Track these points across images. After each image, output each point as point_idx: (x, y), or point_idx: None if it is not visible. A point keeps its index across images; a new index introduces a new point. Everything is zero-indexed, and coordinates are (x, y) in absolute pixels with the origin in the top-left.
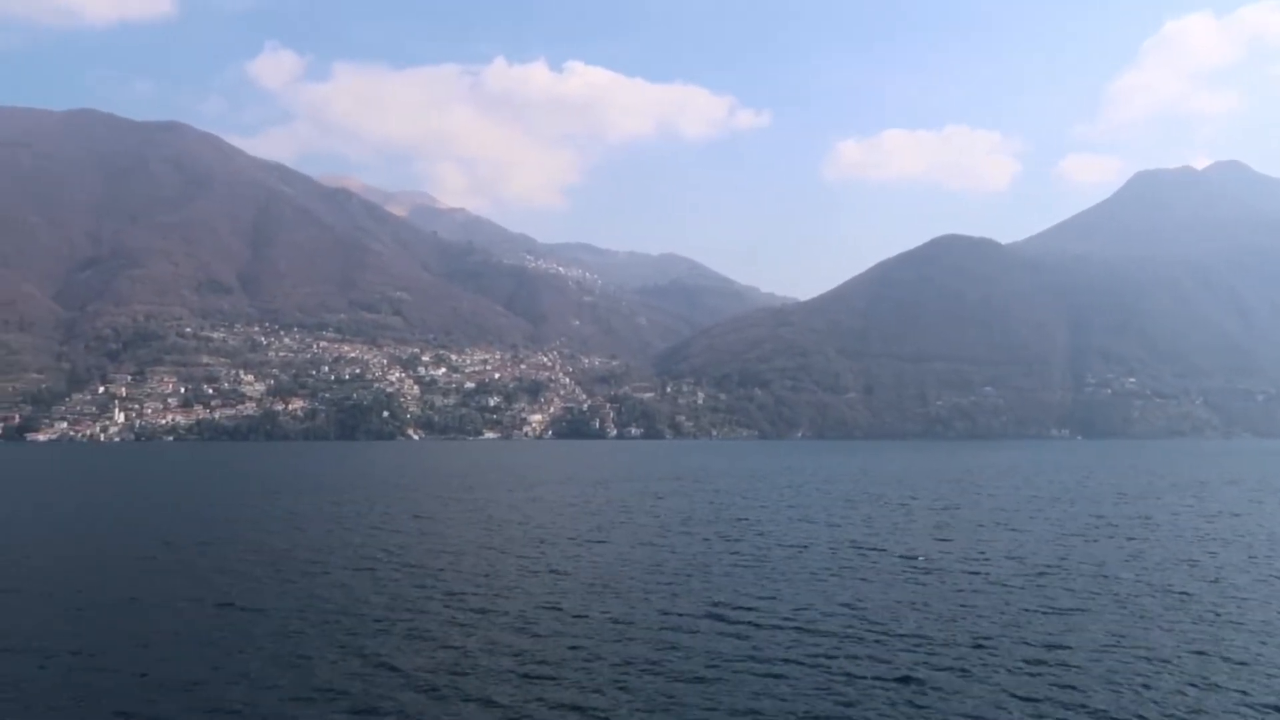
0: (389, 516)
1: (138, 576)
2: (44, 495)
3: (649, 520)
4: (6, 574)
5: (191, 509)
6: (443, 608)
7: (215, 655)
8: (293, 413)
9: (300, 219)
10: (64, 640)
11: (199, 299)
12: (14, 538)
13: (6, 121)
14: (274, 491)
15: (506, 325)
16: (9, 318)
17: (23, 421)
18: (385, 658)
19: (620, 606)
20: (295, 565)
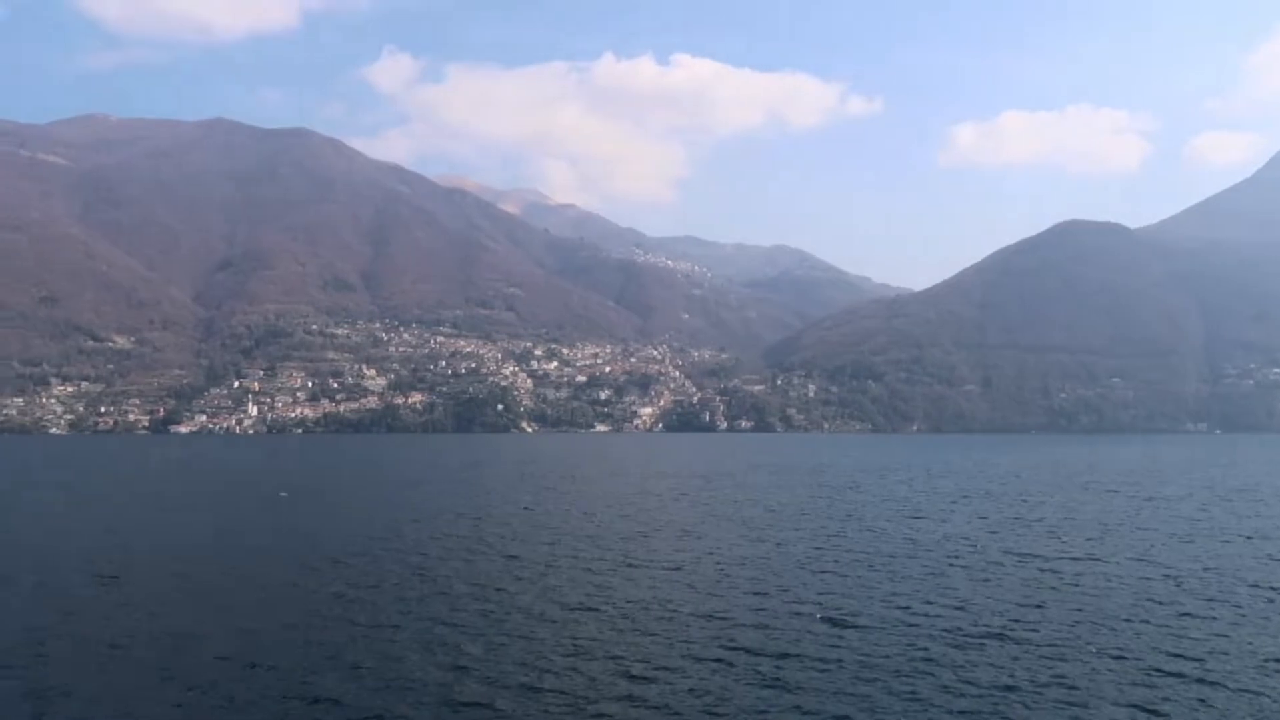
0: (497, 507)
1: (260, 564)
2: (182, 487)
3: (756, 514)
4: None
5: (314, 500)
6: (540, 600)
7: (323, 642)
8: (412, 406)
9: (418, 218)
10: (201, 623)
11: (324, 297)
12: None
13: (149, 134)
14: (390, 483)
15: (616, 319)
16: (154, 318)
17: (167, 414)
18: (478, 649)
19: (723, 603)
20: (403, 555)
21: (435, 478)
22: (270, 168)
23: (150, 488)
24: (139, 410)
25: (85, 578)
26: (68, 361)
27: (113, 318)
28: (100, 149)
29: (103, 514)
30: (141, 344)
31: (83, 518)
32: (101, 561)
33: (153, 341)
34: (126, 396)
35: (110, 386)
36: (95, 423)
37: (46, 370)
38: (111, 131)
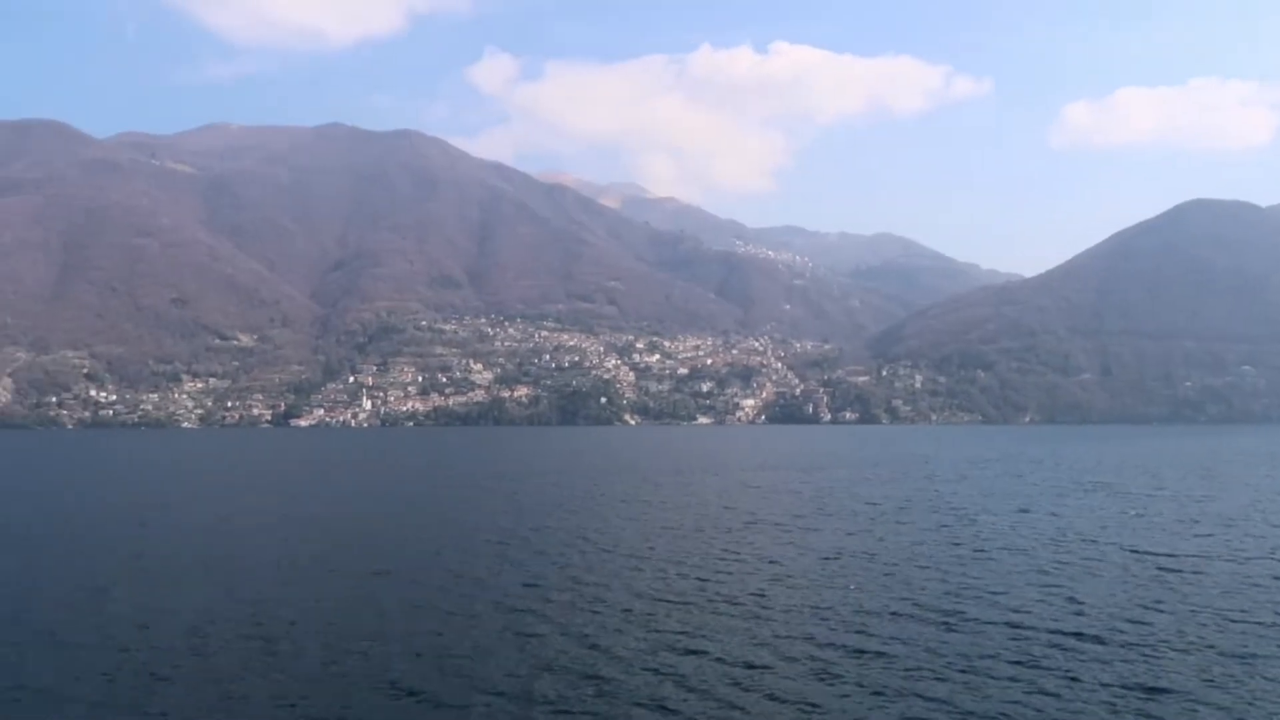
0: (601, 499)
1: (378, 551)
2: (324, 478)
3: (861, 507)
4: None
5: (426, 490)
6: (636, 593)
7: (445, 628)
8: (518, 399)
9: (520, 215)
10: (317, 613)
11: (432, 294)
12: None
13: (267, 140)
14: (500, 474)
15: (717, 311)
16: (274, 316)
17: (287, 409)
18: (569, 642)
19: (827, 595)
20: (515, 544)
21: (540, 470)
22: (380, 169)
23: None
24: (262, 405)
25: (193, 563)
26: (197, 359)
27: (237, 317)
28: (223, 156)
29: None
30: (263, 341)
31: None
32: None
33: (274, 339)
34: (250, 392)
35: (235, 382)
36: (223, 417)
37: (178, 367)
38: (233, 139)
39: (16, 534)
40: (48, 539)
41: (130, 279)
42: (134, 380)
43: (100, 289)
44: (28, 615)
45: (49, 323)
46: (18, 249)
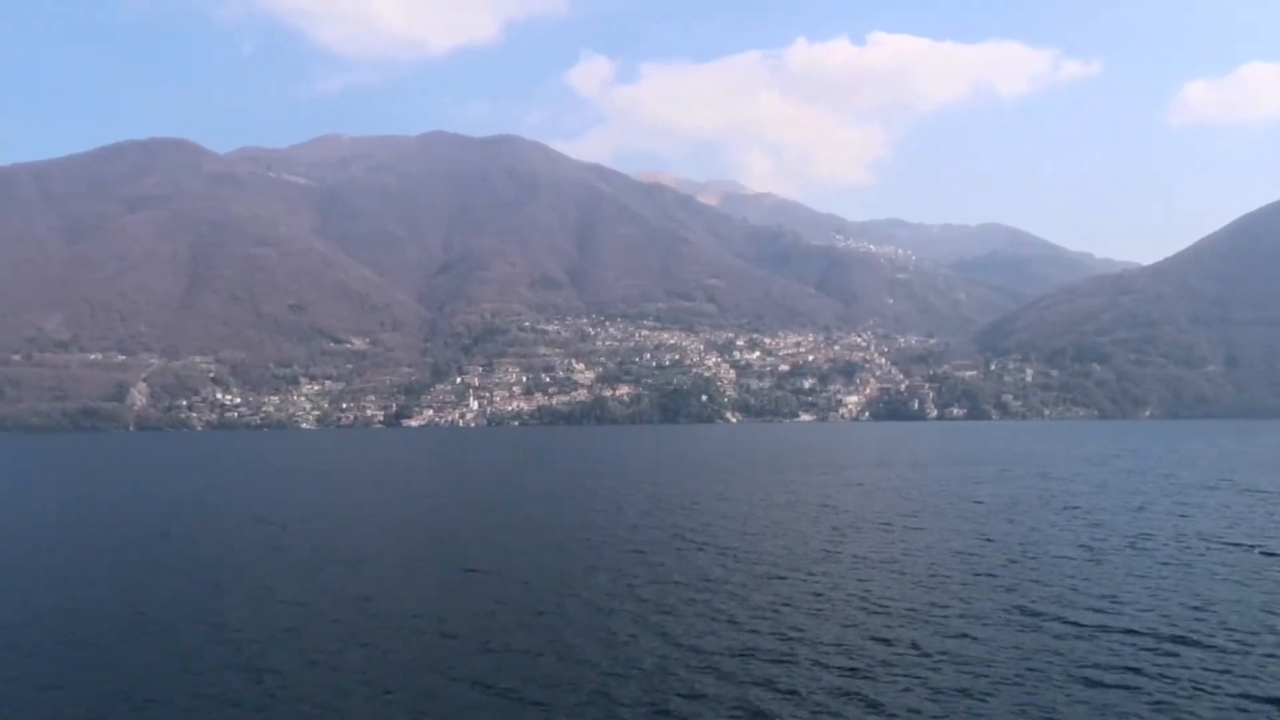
0: (698, 496)
1: (478, 547)
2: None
3: (969, 506)
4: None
5: (529, 488)
6: (736, 592)
7: (536, 626)
8: (619, 398)
9: (620, 215)
10: (417, 607)
11: (535, 295)
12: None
13: (375, 150)
14: (599, 472)
15: (818, 307)
16: (384, 320)
17: (398, 409)
18: (680, 637)
19: (931, 596)
20: (611, 542)
21: (640, 468)
22: (482, 174)
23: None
24: (375, 406)
25: (319, 558)
26: (314, 362)
27: (350, 321)
28: (335, 167)
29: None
30: (375, 345)
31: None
32: (339, 546)
33: (384, 342)
34: (364, 393)
35: (350, 384)
36: (338, 418)
37: (296, 371)
38: (344, 150)
39: (153, 530)
40: (187, 536)
41: (251, 287)
42: (256, 383)
43: (224, 297)
44: (156, 604)
45: (179, 330)
46: (149, 261)
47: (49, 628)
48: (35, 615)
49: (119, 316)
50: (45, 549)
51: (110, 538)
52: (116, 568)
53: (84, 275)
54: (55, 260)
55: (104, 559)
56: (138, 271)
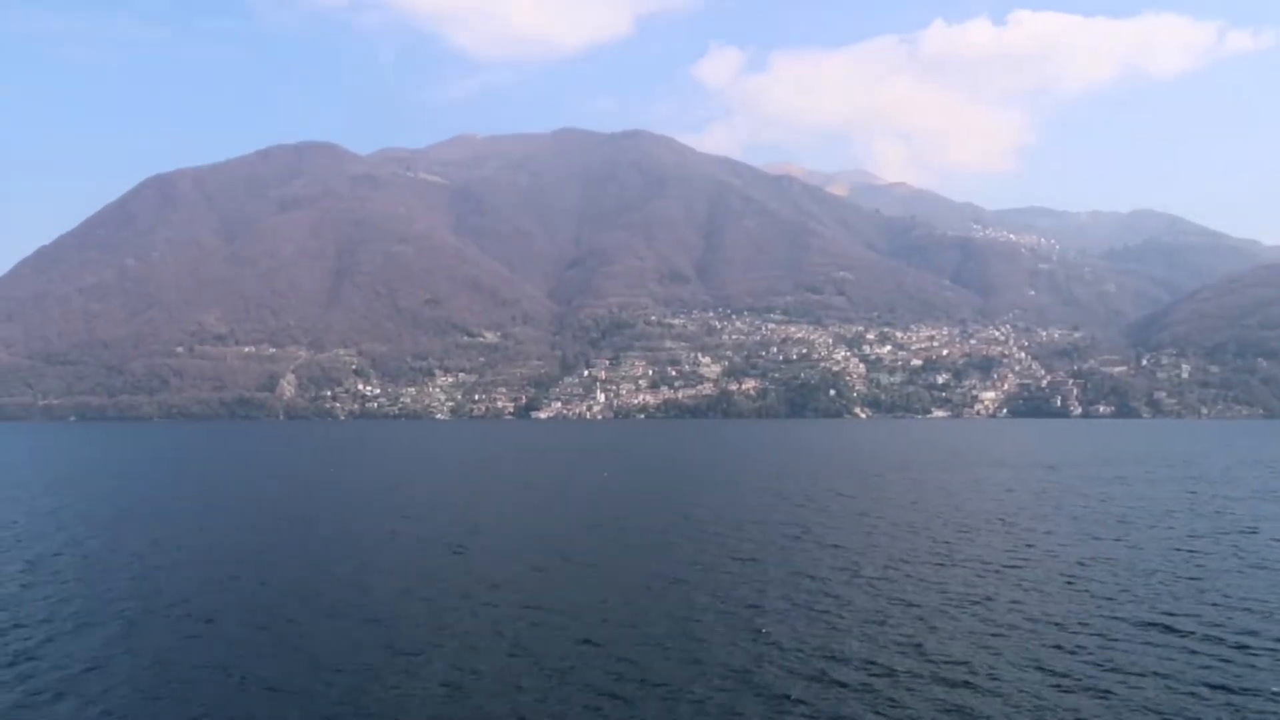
0: (823, 494)
1: (599, 540)
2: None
3: (1112, 509)
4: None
5: (653, 480)
6: (854, 598)
7: (657, 621)
8: (746, 392)
9: (747, 208)
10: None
11: (661, 289)
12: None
13: (508, 148)
14: (724, 466)
15: (954, 299)
16: (515, 314)
17: (528, 401)
18: (783, 636)
19: (1062, 606)
20: (734, 537)
21: (764, 463)
22: (610, 170)
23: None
24: (505, 398)
25: (439, 547)
26: (448, 355)
27: (483, 315)
28: (469, 165)
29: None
30: (506, 338)
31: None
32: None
33: (515, 336)
34: (495, 385)
35: (482, 377)
36: (471, 409)
37: (432, 363)
38: (478, 149)
39: (320, 517)
40: (332, 522)
41: (390, 282)
42: (394, 375)
43: (365, 292)
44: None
45: (324, 324)
46: (298, 259)
47: (232, 606)
48: (220, 595)
49: (270, 311)
50: (218, 535)
51: (279, 523)
52: (287, 551)
53: (239, 272)
54: (214, 259)
55: (272, 543)
56: (288, 269)
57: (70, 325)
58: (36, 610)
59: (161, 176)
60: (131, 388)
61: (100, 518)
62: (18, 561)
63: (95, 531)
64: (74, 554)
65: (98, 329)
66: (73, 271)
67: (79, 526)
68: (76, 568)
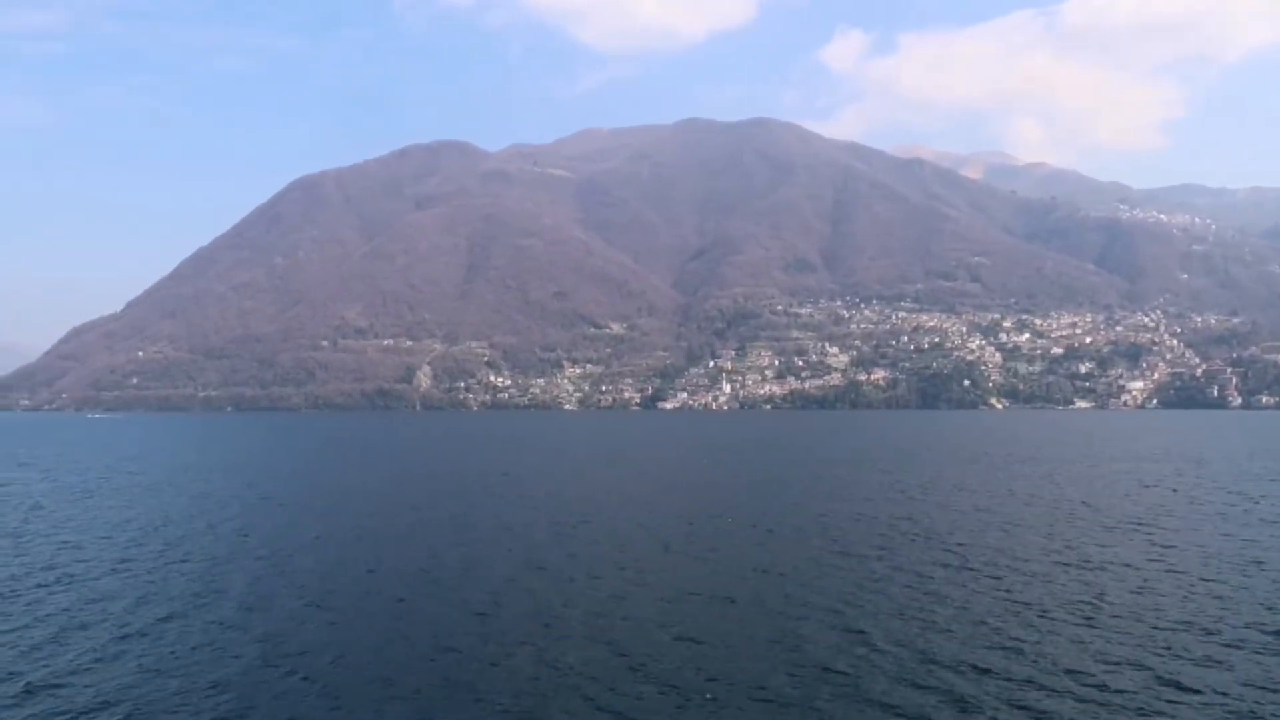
0: (942, 487)
1: (708, 534)
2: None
3: (1268, 511)
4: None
5: (772, 471)
6: (964, 599)
7: (749, 618)
8: (875, 382)
9: (875, 194)
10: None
11: (787, 278)
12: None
13: (632, 140)
14: (843, 459)
15: (1098, 284)
16: (641, 305)
17: (654, 392)
18: (871, 634)
19: (1187, 614)
20: (826, 531)
21: (888, 454)
22: (735, 159)
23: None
24: (631, 389)
25: (550, 535)
26: (575, 347)
27: (609, 307)
28: (594, 159)
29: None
30: (632, 329)
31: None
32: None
33: (641, 327)
34: (621, 376)
35: (609, 368)
36: (598, 400)
37: (560, 355)
38: (602, 142)
39: (467, 505)
40: (466, 507)
41: (520, 276)
42: (524, 367)
43: (496, 286)
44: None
45: (458, 317)
46: (433, 254)
47: (376, 588)
48: (339, 577)
49: (407, 306)
50: (352, 520)
51: (409, 510)
52: (411, 536)
53: (379, 269)
54: (355, 256)
55: (401, 528)
56: (423, 264)
57: (226, 321)
58: (170, 586)
59: (307, 178)
60: (281, 380)
61: (247, 501)
62: (160, 541)
63: (238, 514)
64: (213, 536)
65: (250, 325)
66: (227, 271)
67: (224, 510)
68: (212, 548)
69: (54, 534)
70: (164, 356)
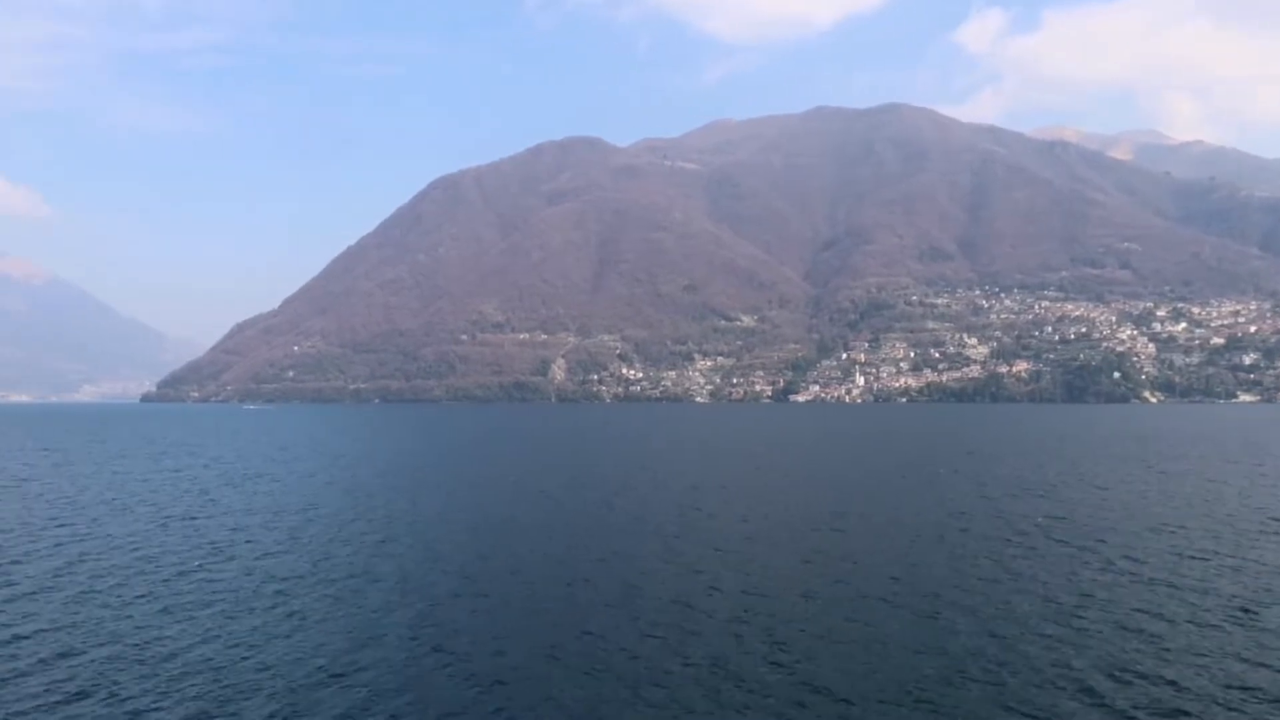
0: (1066, 483)
1: (831, 530)
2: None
3: None
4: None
5: (899, 465)
6: (1107, 598)
7: (859, 617)
8: (1016, 375)
9: (1015, 178)
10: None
11: (922, 267)
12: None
13: (761, 130)
14: (974, 453)
15: (1263, 269)
16: (771, 297)
17: (786, 385)
18: (1012, 637)
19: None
20: (940, 528)
21: (1021, 449)
22: (866, 146)
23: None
24: (763, 381)
25: (728, 529)
26: (706, 339)
27: (739, 299)
28: (723, 151)
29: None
30: (763, 322)
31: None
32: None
33: (772, 319)
34: (753, 369)
35: (740, 360)
36: (729, 392)
37: (691, 347)
38: (730, 133)
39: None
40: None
41: (650, 269)
42: (655, 359)
43: (627, 279)
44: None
45: (590, 311)
46: (565, 249)
47: (519, 575)
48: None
49: (541, 300)
50: (514, 509)
51: (542, 499)
52: (543, 526)
53: (514, 264)
54: (492, 252)
55: (533, 518)
56: (556, 259)
57: (372, 317)
58: (334, 568)
59: (446, 178)
60: (423, 373)
61: (395, 487)
62: (314, 527)
63: (383, 502)
64: (361, 522)
65: (395, 319)
66: (373, 268)
67: (373, 497)
68: (365, 532)
69: (221, 518)
70: (317, 351)
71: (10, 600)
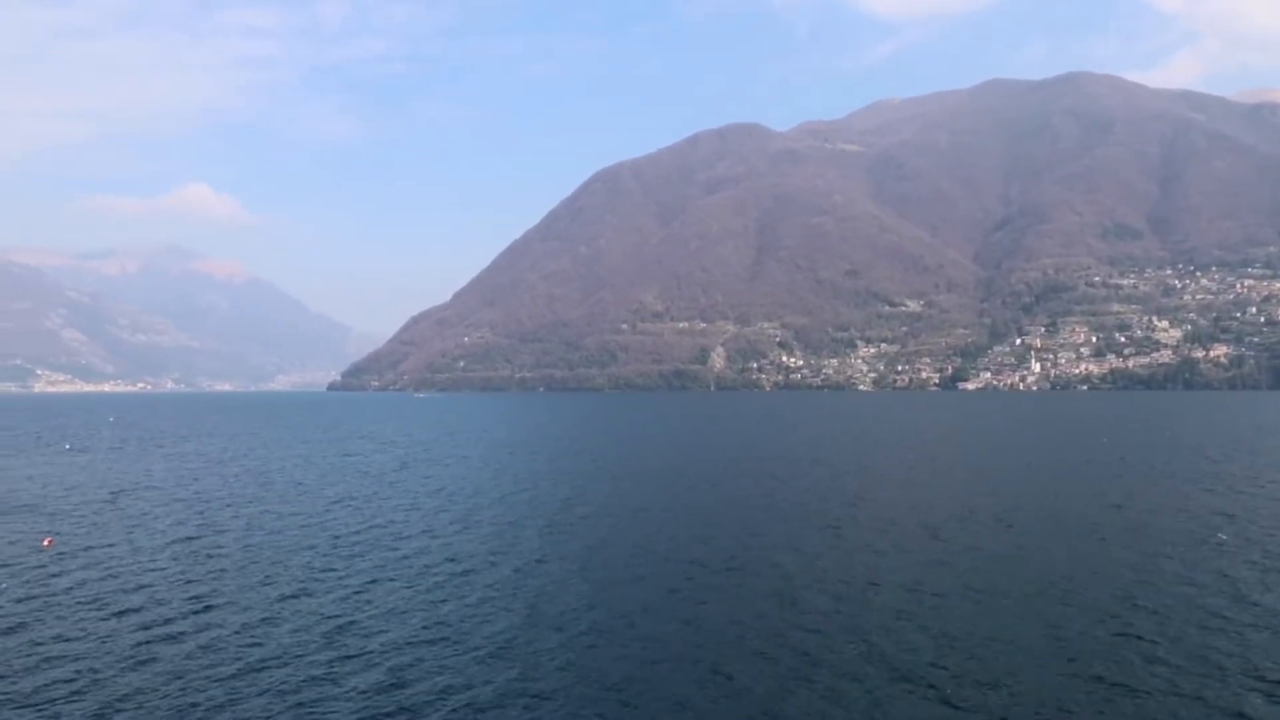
0: (1258, 480)
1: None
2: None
3: None
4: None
5: (1059, 462)
6: (1187, 600)
7: (961, 612)
8: (1215, 360)
9: (1215, 147)
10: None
11: (1105, 246)
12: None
13: (926, 109)
14: (1157, 445)
15: None
16: (939, 281)
17: (954, 372)
18: (1163, 645)
19: None
20: (1116, 524)
21: (1220, 440)
22: (1041, 120)
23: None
24: (929, 369)
25: (815, 528)
26: (869, 326)
27: (903, 284)
28: (885, 131)
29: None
30: (929, 306)
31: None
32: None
33: (939, 304)
34: (918, 356)
35: (904, 347)
36: (893, 380)
37: (853, 334)
38: (894, 113)
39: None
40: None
41: (810, 255)
42: (816, 347)
43: (786, 266)
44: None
45: (749, 298)
46: (724, 237)
47: (675, 561)
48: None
49: (700, 289)
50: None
51: (723, 487)
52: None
53: (673, 253)
54: (651, 242)
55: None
56: (715, 247)
57: (536, 308)
58: (475, 548)
59: (606, 170)
60: (586, 362)
61: (540, 475)
62: (466, 508)
63: (529, 488)
64: (504, 508)
65: (558, 310)
66: (537, 261)
67: (518, 484)
68: (505, 518)
69: (385, 498)
70: (485, 341)
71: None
